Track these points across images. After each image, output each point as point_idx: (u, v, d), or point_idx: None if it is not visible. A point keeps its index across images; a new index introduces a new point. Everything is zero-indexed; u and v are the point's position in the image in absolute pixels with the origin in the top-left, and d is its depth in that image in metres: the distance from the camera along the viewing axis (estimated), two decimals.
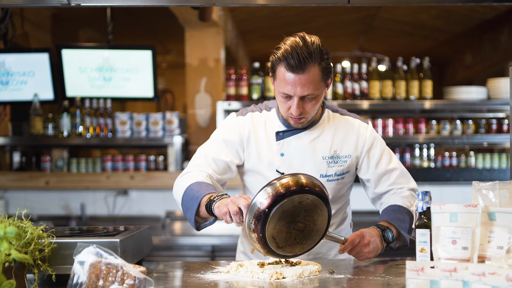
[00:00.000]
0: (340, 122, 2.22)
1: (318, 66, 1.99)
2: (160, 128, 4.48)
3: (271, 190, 1.78)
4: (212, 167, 2.17)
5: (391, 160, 2.25)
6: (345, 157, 2.19)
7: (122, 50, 4.66)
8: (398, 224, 2.12)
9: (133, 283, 1.42)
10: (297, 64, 1.95)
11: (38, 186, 4.45)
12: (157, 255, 3.93)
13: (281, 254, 1.86)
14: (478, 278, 1.39)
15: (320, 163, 2.16)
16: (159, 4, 2.99)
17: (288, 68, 1.97)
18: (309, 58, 1.96)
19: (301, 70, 1.96)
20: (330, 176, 2.17)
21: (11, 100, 4.56)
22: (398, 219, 2.12)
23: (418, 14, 6.32)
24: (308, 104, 2.04)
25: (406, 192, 2.24)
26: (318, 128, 2.18)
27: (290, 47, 1.97)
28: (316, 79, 1.99)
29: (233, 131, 2.20)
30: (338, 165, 2.18)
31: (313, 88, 2.00)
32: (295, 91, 1.99)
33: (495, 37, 6.74)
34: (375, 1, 3.47)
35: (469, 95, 4.40)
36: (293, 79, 1.97)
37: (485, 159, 4.50)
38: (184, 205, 2.07)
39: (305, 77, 1.97)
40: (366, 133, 2.23)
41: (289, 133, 2.17)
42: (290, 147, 2.16)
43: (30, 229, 1.65)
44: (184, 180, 2.12)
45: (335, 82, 4.40)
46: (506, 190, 1.70)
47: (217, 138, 2.22)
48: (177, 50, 8.07)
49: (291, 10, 5.97)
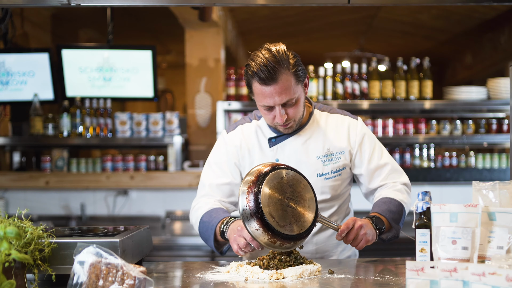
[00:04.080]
0: (330, 120, 2.26)
1: (288, 71, 2.02)
2: (160, 128, 4.48)
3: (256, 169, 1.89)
4: (218, 193, 2.24)
5: (382, 155, 2.28)
6: (339, 154, 2.22)
7: (122, 50, 4.66)
8: (389, 216, 2.14)
9: (133, 283, 1.42)
10: (268, 76, 1.99)
11: (38, 186, 4.45)
12: (157, 255, 3.92)
13: (287, 235, 1.84)
14: (478, 278, 1.39)
15: (315, 163, 2.19)
16: (159, 4, 2.99)
17: (260, 82, 2.01)
18: (278, 67, 2.00)
19: (273, 81, 2.00)
20: (327, 174, 2.20)
21: (11, 100, 4.56)
22: (389, 210, 2.15)
23: (418, 14, 6.32)
24: (290, 109, 2.08)
25: (398, 186, 2.26)
26: (309, 129, 2.22)
27: (257, 61, 2.01)
28: (291, 84, 2.03)
29: (225, 150, 2.26)
30: (333, 162, 2.21)
31: (291, 93, 2.04)
32: (274, 101, 2.03)
33: (495, 37, 6.74)
34: (375, 1, 3.47)
35: (469, 95, 4.40)
36: (268, 91, 2.02)
37: (485, 159, 4.50)
38: (203, 237, 2.17)
39: (280, 85, 2.01)
40: (357, 128, 2.26)
41: (281, 138, 2.20)
42: (284, 152, 2.20)
43: (30, 229, 1.65)
44: (195, 213, 2.21)
45: (335, 82, 4.41)
46: (506, 190, 1.70)
47: (212, 162, 2.28)
48: (177, 50, 8.07)
49: (291, 10, 5.97)
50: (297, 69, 2.06)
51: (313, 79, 4.38)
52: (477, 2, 3.03)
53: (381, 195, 2.23)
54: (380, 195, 2.24)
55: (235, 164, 2.24)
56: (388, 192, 2.23)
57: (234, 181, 2.23)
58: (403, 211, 2.20)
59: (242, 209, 1.83)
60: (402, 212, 2.19)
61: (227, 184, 2.23)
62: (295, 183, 1.91)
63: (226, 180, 2.23)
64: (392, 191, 2.23)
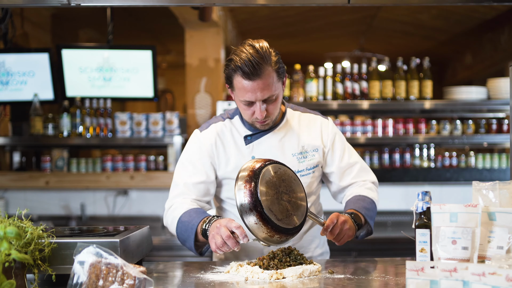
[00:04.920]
0: (303, 119, 2.30)
1: (271, 68, 2.05)
2: (160, 128, 4.48)
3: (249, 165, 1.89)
4: (193, 192, 2.22)
5: (352, 154, 2.35)
6: (313, 151, 2.26)
7: (122, 50, 4.65)
8: (365, 212, 2.18)
9: (133, 283, 1.42)
10: (252, 71, 2.01)
11: (38, 186, 4.45)
12: (157, 255, 3.92)
13: (284, 228, 1.86)
14: (478, 278, 1.39)
15: (291, 160, 2.22)
16: (159, 4, 2.99)
17: (244, 77, 2.03)
18: (262, 62, 2.02)
19: (257, 76, 2.02)
20: (302, 171, 2.24)
21: (11, 100, 4.56)
22: (364, 208, 2.19)
23: (418, 14, 6.32)
24: (270, 106, 2.11)
25: (369, 184, 2.32)
26: (283, 127, 2.25)
27: (242, 56, 2.03)
28: (273, 80, 2.06)
29: (199, 149, 2.25)
30: (308, 159, 2.25)
31: (272, 89, 2.07)
32: (256, 97, 2.05)
33: (495, 37, 6.74)
34: (375, 1, 3.47)
35: (469, 95, 4.40)
36: (251, 86, 2.03)
37: (485, 159, 4.50)
38: (180, 238, 2.14)
39: (263, 81, 2.03)
40: (328, 128, 2.32)
41: (256, 135, 2.23)
42: (260, 149, 2.22)
43: (30, 229, 1.65)
44: (171, 214, 2.18)
45: (335, 82, 4.40)
46: (506, 190, 1.70)
47: (186, 161, 2.27)
48: (177, 50, 8.07)
49: (291, 10, 5.97)
50: (279, 66, 2.09)
51: (313, 79, 4.38)
52: (477, 2, 3.03)
53: (354, 193, 2.28)
54: (352, 193, 2.29)
55: (210, 162, 2.23)
56: (360, 190, 2.29)
57: (209, 180, 2.23)
58: (375, 209, 2.27)
59: (240, 204, 1.83)
60: (375, 209, 2.26)
61: (202, 183, 2.22)
62: (287, 178, 1.94)
63: (201, 179, 2.22)
64: (364, 189, 2.29)
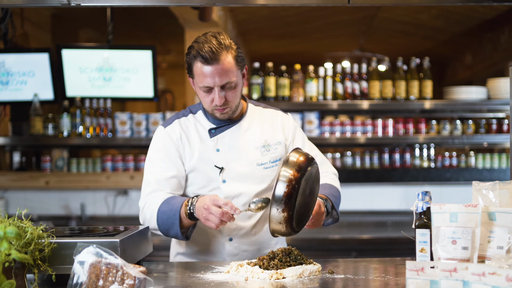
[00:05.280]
0: (265, 114, 2.36)
1: (230, 54, 2.11)
2: None
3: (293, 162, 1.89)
4: (167, 187, 2.22)
5: (312, 147, 2.41)
6: (276, 145, 2.31)
7: (122, 50, 4.65)
8: (333, 200, 2.22)
9: (133, 283, 1.42)
10: (211, 56, 2.06)
11: (38, 186, 4.45)
12: (157, 255, 3.92)
13: (295, 229, 1.92)
14: (478, 278, 1.39)
15: (254, 152, 2.27)
16: (159, 4, 2.99)
17: (203, 62, 2.08)
18: (220, 48, 2.08)
19: (215, 61, 2.07)
20: (265, 163, 2.28)
21: (11, 100, 4.56)
22: (332, 195, 2.23)
23: (418, 14, 6.32)
24: (229, 93, 2.15)
25: (331, 175, 2.38)
26: (246, 120, 2.30)
27: (201, 43, 2.09)
28: (231, 67, 2.11)
29: (166, 144, 2.26)
30: (271, 152, 2.30)
31: (231, 75, 2.11)
32: (215, 82, 2.09)
33: (495, 37, 6.74)
34: (375, 1, 3.47)
35: (469, 95, 4.40)
36: (210, 71, 2.08)
37: (485, 159, 4.50)
38: (163, 228, 2.14)
39: (221, 66, 2.08)
40: (289, 122, 2.38)
41: (221, 129, 2.27)
42: (224, 142, 2.26)
43: (30, 229, 1.65)
44: (148, 209, 2.18)
45: (335, 82, 4.40)
46: (506, 190, 1.70)
47: (155, 158, 2.27)
48: (177, 50, 8.07)
49: (291, 10, 5.97)
50: (239, 55, 2.15)
51: (313, 79, 4.38)
52: (477, 2, 3.04)
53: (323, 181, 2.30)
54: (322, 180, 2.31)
55: (179, 156, 2.25)
56: (326, 179, 2.32)
57: (180, 174, 2.24)
58: (340, 198, 2.32)
59: (277, 195, 1.85)
60: (340, 198, 2.31)
61: (174, 177, 2.23)
62: (315, 177, 1.98)
63: (173, 173, 2.23)
64: (329, 179, 2.34)
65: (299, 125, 4.31)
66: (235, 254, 2.28)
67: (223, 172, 2.23)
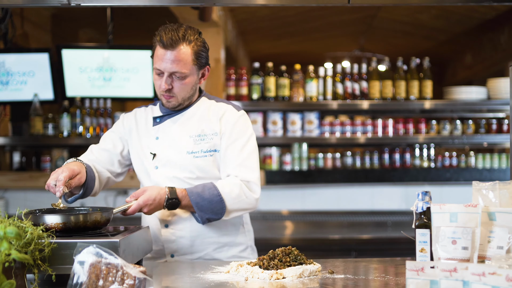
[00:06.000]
0: (212, 106, 2.37)
1: (190, 48, 2.19)
2: None
3: None
4: (95, 155, 2.39)
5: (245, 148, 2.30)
6: (212, 135, 2.31)
7: (122, 50, 4.65)
8: (195, 198, 2.19)
9: (133, 283, 1.42)
10: (169, 42, 2.15)
11: (38, 186, 4.44)
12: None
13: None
14: (478, 278, 1.39)
15: (187, 141, 2.30)
16: (159, 4, 2.99)
17: (160, 46, 2.18)
18: (180, 38, 2.17)
19: (171, 47, 2.16)
20: (197, 152, 2.29)
21: (11, 100, 4.56)
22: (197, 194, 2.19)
23: (418, 14, 6.32)
24: (176, 83, 2.22)
25: (236, 180, 2.25)
26: (190, 110, 2.35)
27: (167, 29, 2.19)
28: (186, 59, 2.18)
29: (118, 126, 2.45)
30: (205, 142, 2.30)
31: (182, 66, 2.18)
32: (165, 67, 2.17)
33: (495, 37, 6.74)
34: (375, 1, 3.48)
35: (469, 95, 4.40)
36: (164, 55, 2.17)
37: (485, 159, 4.50)
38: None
39: (175, 54, 2.16)
40: (233, 115, 2.33)
41: (165, 117, 2.36)
42: (164, 130, 2.34)
43: (30, 229, 1.65)
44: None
45: (335, 82, 4.40)
46: (506, 190, 1.70)
47: (108, 131, 2.48)
48: None
49: (291, 10, 5.96)
50: (200, 53, 2.22)
51: (313, 79, 4.38)
52: (477, 2, 3.03)
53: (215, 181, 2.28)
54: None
55: (119, 137, 2.41)
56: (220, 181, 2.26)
57: (114, 150, 2.40)
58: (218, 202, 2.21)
59: None
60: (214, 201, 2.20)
61: (106, 151, 2.39)
62: None
63: (107, 147, 2.40)
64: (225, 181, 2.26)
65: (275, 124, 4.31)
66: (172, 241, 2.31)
67: (156, 159, 2.32)
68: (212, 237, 2.33)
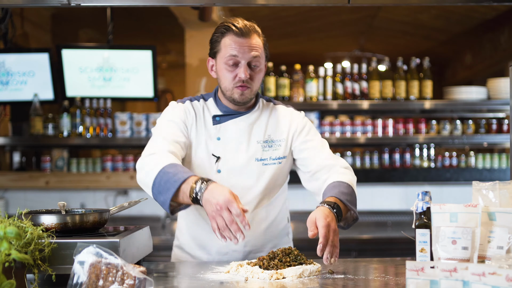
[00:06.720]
0: (274, 110, 2.28)
1: (260, 38, 2.15)
2: None
3: None
4: (174, 147, 2.09)
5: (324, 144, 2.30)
6: (279, 141, 2.23)
7: (122, 50, 4.65)
8: (345, 199, 2.02)
9: (133, 283, 1.42)
10: (245, 30, 2.09)
11: (38, 186, 4.45)
12: (157, 255, 3.92)
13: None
14: (478, 278, 1.39)
15: (255, 146, 2.19)
16: (159, 4, 2.99)
17: (236, 34, 2.09)
18: (254, 29, 2.13)
19: (248, 35, 2.09)
20: (266, 159, 2.20)
21: (11, 100, 4.56)
22: (342, 193, 2.04)
23: (418, 14, 6.32)
24: (253, 73, 2.12)
25: (339, 169, 2.19)
26: (254, 113, 2.24)
27: (234, 20, 2.13)
28: (260, 47, 2.13)
29: (179, 116, 2.19)
30: (273, 149, 2.21)
31: (259, 54, 2.12)
32: (244, 53, 2.09)
33: (495, 37, 6.74)
34: (375, 1, 3.48)
35: (469, 95, 4.40)
36: (241, 41, 2.09)
37: (485, 159, 4.50)
38: (156, 189, 1.96)
39: (251, 41, 2.10)
40: (298, 118, 2.28)
41: (226, 117, 2.21)
42: (227, 132, 2.20)
43: (30, 229, 1.65)
44: (153, 161, 1.99)
45: (335, 82, 4.40)
46: (506, 190, 1.70)
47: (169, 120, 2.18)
48: (177, 50, 8.06)
49: (291, 10, 5.96)
50: (266, 44, 2.18)
51: (313, 79, 4.38)
52: (477, 2, 3.03)
53: (329, 180, 2.14)
54: (327, 179, 2.16)
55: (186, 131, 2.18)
56: (333, 176, 2.15)
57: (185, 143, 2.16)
58: (354, 192, 2.12)
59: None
60: (353, 192, 2.10)
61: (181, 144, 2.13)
62: None
63: (181, 139, 2.14)
64: (336, 175, 2.16)
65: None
66: (225, 253, 2.23)
67: (219, 162, 2.18)
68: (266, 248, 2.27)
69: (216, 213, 1.80)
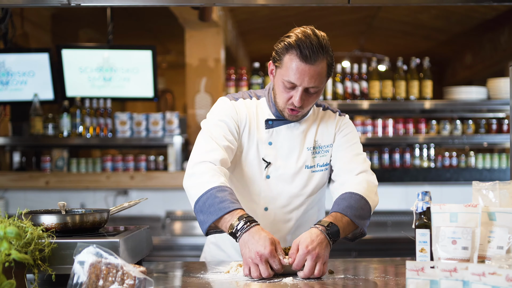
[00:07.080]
0: (323, 116, 2.21)
1: (326, 60, 1.98)
2: (160, 128, 4.48)
3: None
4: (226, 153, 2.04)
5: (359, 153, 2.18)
6: (326, 147, 2.17)
7: (122, 50, 4.66)
8: (351, 213, 1.97)
9: (133, 283, 1.42)
10: (310, 55, 1.93)
11: (38, 186, 4.45)
12: (157, 255, 3.92)
13: None
14: (478, 278, 1.39)
15: (306, 154, 2.14)
16: (159, 4, 2.99)
17: (300, 57, 1.94)
18: (321, 50, 1.95)
19: (312, 61, 1.94)
20: (314, 166, 2.16)
21: (11, 100, 4.56)
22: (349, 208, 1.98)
23: (418, 14, 6.32)
24: (309, 98, 2.02)
25: (359, 177, 2.11)
26: (307, 120, 2.16)
27: (303, 36, 1.95)
28: (323, 72, 1.98)
29: (232, 115, 2.12)
30: (320, 155, 2.17)
31: (319, 81, 1.98)
32: (302, 81, 1.96)
33: (495, 37, 6.74)
34: (375, 1, 3.48)
35: (469, 95, 4.40)
36: (302, 68, 1.95)
37: (485, 159, 4.50)
38: (199, 207, 1.91)
39: (315, 68, 1.95)
40: (341, 122, 2.21)
41: (279, 122, 2.13)
42: (279, 137, 2.13)
43: (30, 229, 1.65)
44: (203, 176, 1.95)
45: (335, 82, 4.40)
46: (506, 190, 1.70)
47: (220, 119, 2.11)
48: (177, 50, 8.07)
49: (291, 10, 5.96)
50: (331, 62, 2.02)
51: None
52: (477, 2, 3.03)
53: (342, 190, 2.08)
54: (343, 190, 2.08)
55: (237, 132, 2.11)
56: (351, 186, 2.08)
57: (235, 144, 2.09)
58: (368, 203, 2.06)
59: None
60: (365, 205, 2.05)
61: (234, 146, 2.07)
62: None
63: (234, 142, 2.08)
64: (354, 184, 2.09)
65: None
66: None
67: (269, 168, 2.12)
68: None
69: (253, 261, 1.78)
